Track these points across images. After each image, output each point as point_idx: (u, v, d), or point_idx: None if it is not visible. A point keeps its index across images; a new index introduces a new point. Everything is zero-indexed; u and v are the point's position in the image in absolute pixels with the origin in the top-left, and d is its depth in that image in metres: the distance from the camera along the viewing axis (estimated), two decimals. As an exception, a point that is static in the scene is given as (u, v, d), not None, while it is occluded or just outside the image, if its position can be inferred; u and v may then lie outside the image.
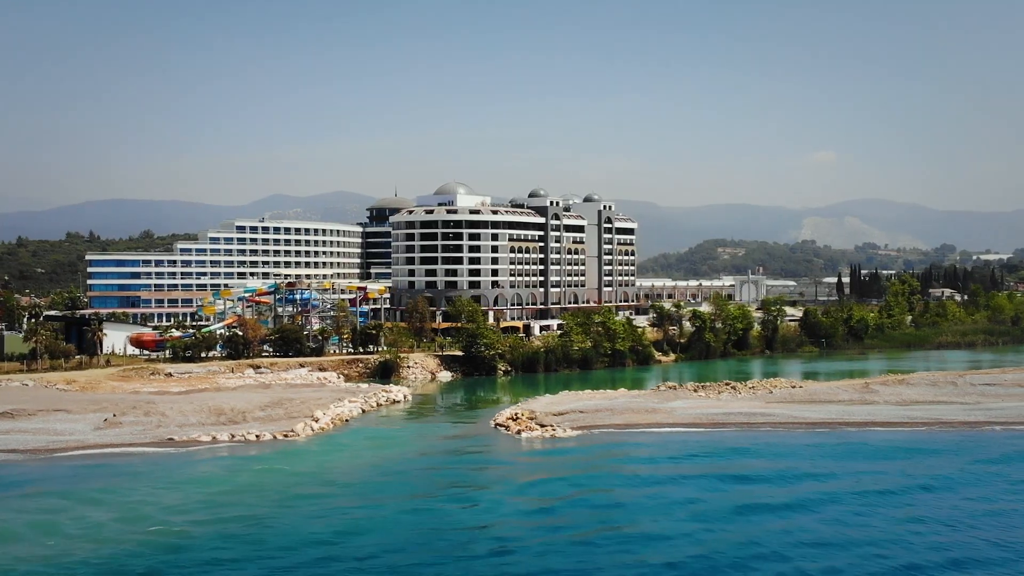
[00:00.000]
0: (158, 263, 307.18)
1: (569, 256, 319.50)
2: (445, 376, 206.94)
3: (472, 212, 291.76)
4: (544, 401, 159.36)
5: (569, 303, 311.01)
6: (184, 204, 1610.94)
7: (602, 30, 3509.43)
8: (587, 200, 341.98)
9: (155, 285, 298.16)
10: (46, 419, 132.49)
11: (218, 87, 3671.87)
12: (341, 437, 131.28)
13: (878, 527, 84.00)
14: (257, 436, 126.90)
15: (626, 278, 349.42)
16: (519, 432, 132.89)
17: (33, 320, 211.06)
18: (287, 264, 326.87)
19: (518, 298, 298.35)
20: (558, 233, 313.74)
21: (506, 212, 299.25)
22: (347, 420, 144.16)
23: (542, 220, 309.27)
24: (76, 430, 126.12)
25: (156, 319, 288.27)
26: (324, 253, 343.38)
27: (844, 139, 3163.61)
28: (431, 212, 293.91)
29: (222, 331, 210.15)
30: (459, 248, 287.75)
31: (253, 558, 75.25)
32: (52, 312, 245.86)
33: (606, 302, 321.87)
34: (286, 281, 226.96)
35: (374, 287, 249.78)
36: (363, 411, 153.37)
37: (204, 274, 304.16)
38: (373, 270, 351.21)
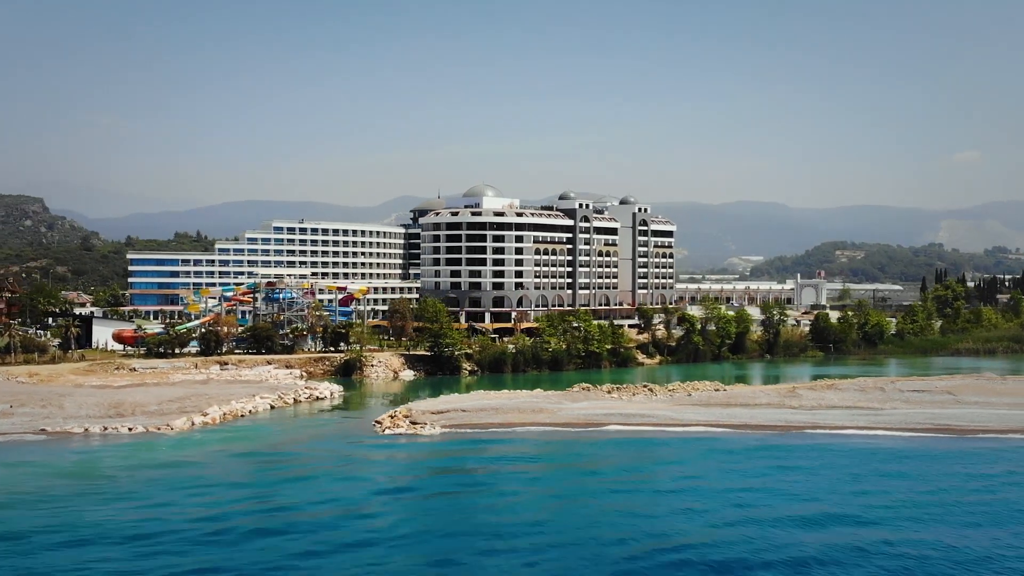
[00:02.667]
0: (196, 262, 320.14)
1: (600, 258, 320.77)
2: (408, 375, 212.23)
3: (496, 214, 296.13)
4: (441, 400, 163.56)
5: (600, 305, 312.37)
6: (315, 205, 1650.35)
7: (725, 28, 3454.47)
8: (623, 203, 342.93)
9: (193, 284, 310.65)
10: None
11: (355, 94, 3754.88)
12: (213, 432, 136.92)
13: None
14: (130, 429, 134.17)
15: (664, 280, 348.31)
16: (385, 430, 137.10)
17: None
18: (324, 264, 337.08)
19: (543, 299, 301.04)
20: (587, 235, 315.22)
21: (531, 214, 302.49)
22: (242, 415, 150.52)
23: (570, 222, 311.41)
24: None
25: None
26: (364, 254, 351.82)
27: (990, 137, 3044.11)
28: (456, 214, 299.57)
29: (199, 329, 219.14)
30: (483, 250, 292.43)
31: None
32: (51, 309, 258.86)
33: (640, 304, 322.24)
34: (265, 280, 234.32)
35: (354, 287, 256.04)
36: (272, 407, 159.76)
37: (242, 273, 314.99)
38: (412, 271, 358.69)
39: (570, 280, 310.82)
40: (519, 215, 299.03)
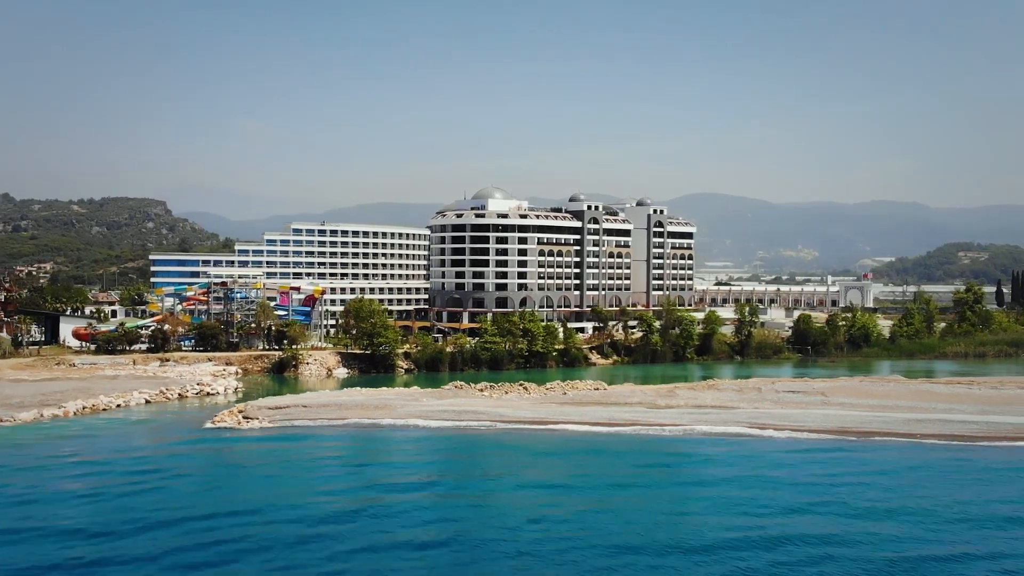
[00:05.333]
0: (216, 263, 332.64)
1: (611, 259, 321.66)
2: (342, 373, 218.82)
3: (500, 216, 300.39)
4: (290, 397, 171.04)
5: (611, 306, 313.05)
6: (433, 206, 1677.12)
7: (863, 30, 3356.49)
8: (639, 204, 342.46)
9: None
10: None
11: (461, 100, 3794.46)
12: (54, 425, 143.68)
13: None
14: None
15: (681, 281, 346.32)
16: (214, 424, 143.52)
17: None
18: (344, 266, 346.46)
19: (548, 300, 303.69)
20: (596, 237, 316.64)
21: (536, 216, 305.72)
22: (104, 409, 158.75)
23: (578, 224, 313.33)
24: None
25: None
26: (384, 255, 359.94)
27: None
28: (460, 216, 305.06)
29: (150, 326, 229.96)
30: (486, 251, 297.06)
31: None
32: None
33: (655, 305, 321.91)
34: (219, 281, 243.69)
35: (308, 288, 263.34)
36: (147, 402, 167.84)
37: (260, 275, 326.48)
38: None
39: (578, 281, 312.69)
40: (523, 217, 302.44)
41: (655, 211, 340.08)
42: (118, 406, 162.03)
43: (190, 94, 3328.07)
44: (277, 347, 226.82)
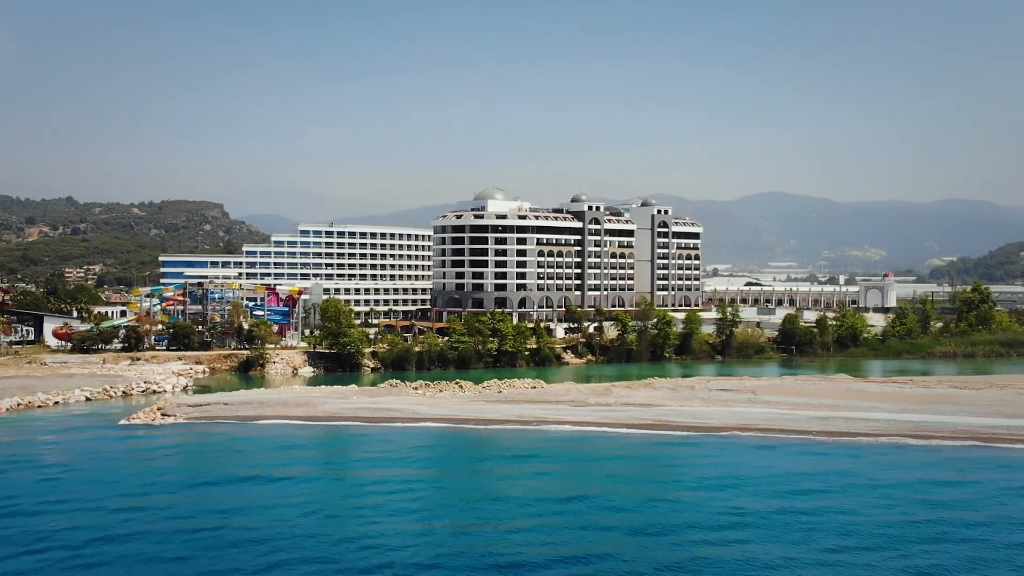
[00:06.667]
0: (224, 264, 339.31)
1: (614, 260, 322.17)
2: (308, 371, 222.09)
3: (499, 217, 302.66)
4: (215, 395, 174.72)
5: (613, 306, 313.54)
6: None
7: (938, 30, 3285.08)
8: (644, 204, 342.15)
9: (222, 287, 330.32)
10: None
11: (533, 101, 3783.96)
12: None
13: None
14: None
15: (688, 282, 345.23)
16: (128, 421, 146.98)
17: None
18: (351, 267, 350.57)
19: (547, 300, 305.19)
20: (597, 237, 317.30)
21: (536, 217, 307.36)
22: (40, 406, 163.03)
23: (578, 224, 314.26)
24: None
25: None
26: (392, 256, 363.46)
27: None
28: (460, 217, 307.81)
29: (125, 326, 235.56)
30: (484, 252, 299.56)
31: None
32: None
33: (660, 305, 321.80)
34: (196, 282, 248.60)
35: (284, 288, 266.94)
36: (87, 399, 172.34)
37: (268, 275, 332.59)
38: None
39: (579, 282, 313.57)
40: (522, 218, 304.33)
41: (659, 211, 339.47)
42: (56, 403, 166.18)
43: (263, 98, 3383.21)
44: (249, 347, 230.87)
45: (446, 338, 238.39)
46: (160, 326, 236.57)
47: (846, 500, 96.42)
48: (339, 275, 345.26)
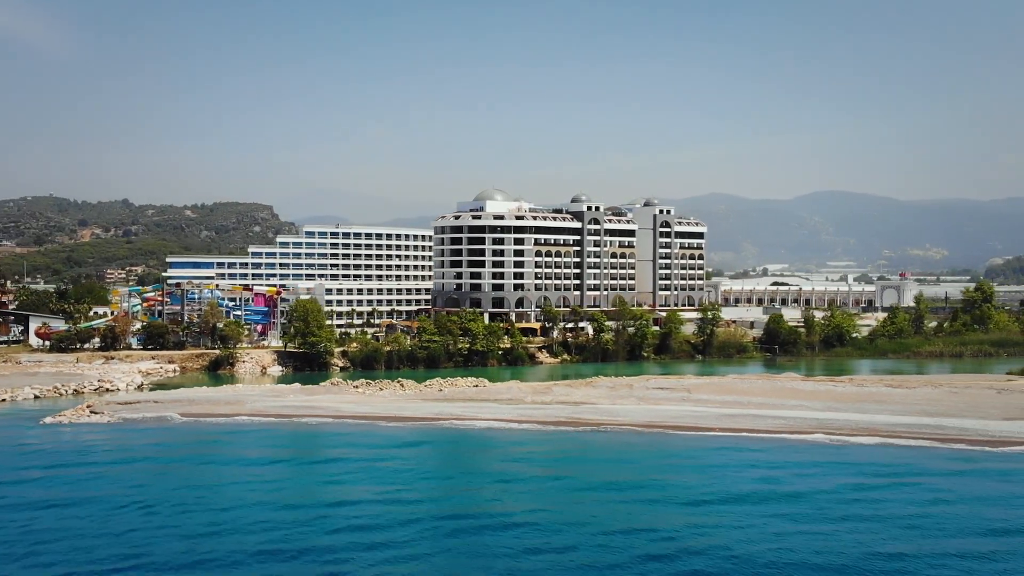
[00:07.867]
0: (230, 265, 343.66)
1: (614, 260, 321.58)
2: (276, 371, 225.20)
3: (496, 217, 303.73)
4: (153, 393, 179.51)
5: (613, 306, 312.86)
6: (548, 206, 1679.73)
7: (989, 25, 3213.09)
8: (646, 205, 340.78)
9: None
10: None
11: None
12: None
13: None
14: None
15: (691, 282, 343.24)
16: (53, 419, 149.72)
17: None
18: (356, 267, 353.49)
19: (545, 301, 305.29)
20: (597, 237, 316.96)
21: (534, 217, 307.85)
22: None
23: (577, 224, 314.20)
24: None
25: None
26: (397, 256, 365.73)
27: None
28: (458, 218, 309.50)
29: (102, 326, 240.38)
30: (482, 252, 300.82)
31: None
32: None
33: (662, 305, 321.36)
34: (175, 282, 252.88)
35: (260, 289, 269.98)
36: (36, 396, 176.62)
37: (273, 276, 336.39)
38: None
39: (578, 282, 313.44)
40: (519, 218, 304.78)
41: (661, 211, 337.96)
42: (2, 400, 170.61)
43: (321, 99, 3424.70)
44: (221, 345, 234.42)
45: (414, 337, 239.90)
46: (138, 325, 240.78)
47: (655, 491, 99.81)
48: (344, 275, 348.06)
